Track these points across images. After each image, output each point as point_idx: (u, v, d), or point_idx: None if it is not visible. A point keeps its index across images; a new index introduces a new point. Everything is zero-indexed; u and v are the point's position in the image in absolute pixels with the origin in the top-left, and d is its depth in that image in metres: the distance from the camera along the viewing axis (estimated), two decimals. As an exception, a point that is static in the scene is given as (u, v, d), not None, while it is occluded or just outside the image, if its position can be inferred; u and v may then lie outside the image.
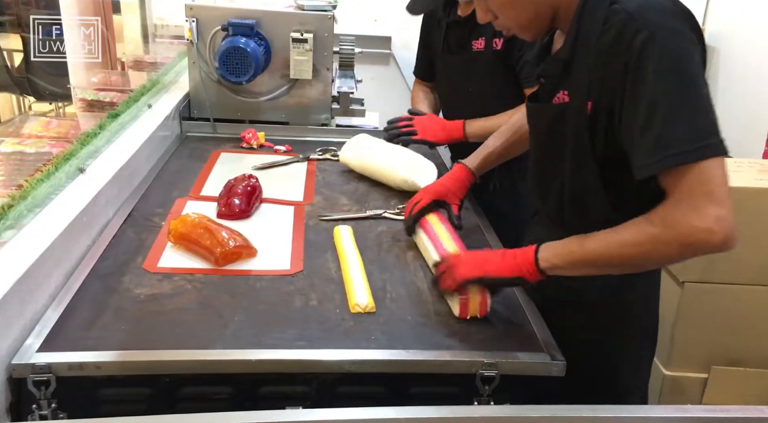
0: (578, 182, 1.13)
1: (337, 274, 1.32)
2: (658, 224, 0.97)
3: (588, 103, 1.06)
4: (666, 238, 0.96)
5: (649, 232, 0.98)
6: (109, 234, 1.41)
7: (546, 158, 1.22)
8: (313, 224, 1.55)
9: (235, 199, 1.54)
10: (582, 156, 1.10)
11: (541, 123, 1.21)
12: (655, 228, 0.97)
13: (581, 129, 1.08)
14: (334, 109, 2.24)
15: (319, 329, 1.14)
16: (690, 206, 0.94)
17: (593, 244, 1.04)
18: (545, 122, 1.18)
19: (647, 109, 0.96)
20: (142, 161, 1.74)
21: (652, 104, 0.96)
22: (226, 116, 2.18)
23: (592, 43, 1.04)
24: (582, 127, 1.08)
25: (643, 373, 1.32)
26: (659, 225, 0.97)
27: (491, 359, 1.08)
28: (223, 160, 1.93)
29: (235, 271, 1.31)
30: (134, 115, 1.88)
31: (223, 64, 1.96)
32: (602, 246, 1.03)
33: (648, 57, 0.96)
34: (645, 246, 0.99)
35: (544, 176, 1.24)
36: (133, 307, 1.17)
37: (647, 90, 0.96)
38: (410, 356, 1.08)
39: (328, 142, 2.09)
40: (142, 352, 1.05)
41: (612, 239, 1.02)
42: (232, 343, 1.08)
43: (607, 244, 1.03)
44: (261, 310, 1.18)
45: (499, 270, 1.13)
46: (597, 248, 1.04)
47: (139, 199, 1.60)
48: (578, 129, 1.09)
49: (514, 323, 1.21)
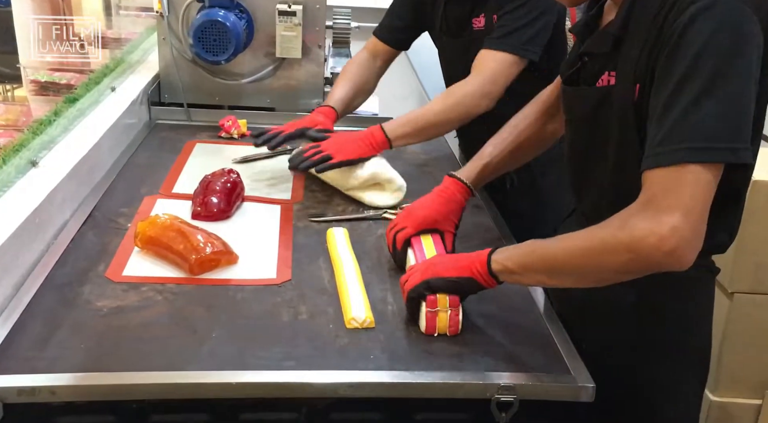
0: (621, 180, 1.12)
1: (331, 284, 1.31)
2: (612, 227, 0.98)
3: (636, 87, 1.05)
4: (614, 244, 0.97)
5: (600, 236, 0.99)
6: (66, 237, 1.40)
7: (585, 151, 1.21)
8: (302, 226, 1.54)
9: (213, 197, 1.54)
10: (627, 149, 1.09)
11: (580, 110, 1.20)
12: (607, 231, 0.99)
13: (627, 117, 1.07)
14: (326, 93, 2.23)
15: (310, 347, 1.13)
16: (652, 211, 0.94)
17: (549, 248, 1.06)
18: (586, 109, 1.17)
19: (673, 91, 0.96)
20: (104, 153, 1.74)
21: (680, 87, 0.95)
22: (202, 101, 2.18)
23: (650, 13, 1.03)
24: (628, 115, 1.07)
25: (690, 406, 1.29)
26: (613, 228, 0.98)
27: (509, 382, 1.08)
28: (199, 152, 1.92)
29: (213, 280, 1.30)
30: (95, 99, 1.88)
31: (199, 41, 1.96)
32: (555, 251, 1.05)
33: (695, 30, 0.95)
34: (593, 252, 1.00)
35: (582, 171, 1.24)
36: (94, 321, 1.16)
37: (680, 70, 0.96)
38: (415, 378, 1.08)
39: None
40: (105, 375, 1.04)
41: (566, 244, 1.04)
42: (208, 364, 1.08)
43: (561, 249, 1.05)
44: (242, 326, 1.18)
45: (447, 270, 1.16)
46: (551, 253, 1.06)
47: (101, 197, 1.60)
48: (623, 117, 1.08)
49: (534, 339, 1.20)
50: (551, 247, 1.07)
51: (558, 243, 1.07)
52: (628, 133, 1.08)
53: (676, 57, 0.97)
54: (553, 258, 1.06)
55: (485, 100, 1.68)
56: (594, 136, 1.15)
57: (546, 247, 1.08)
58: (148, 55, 2.34)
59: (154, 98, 2.16)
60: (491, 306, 1.26)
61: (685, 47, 0.96)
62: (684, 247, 0.94)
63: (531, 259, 1.08)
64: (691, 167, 0.94)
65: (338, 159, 1.65)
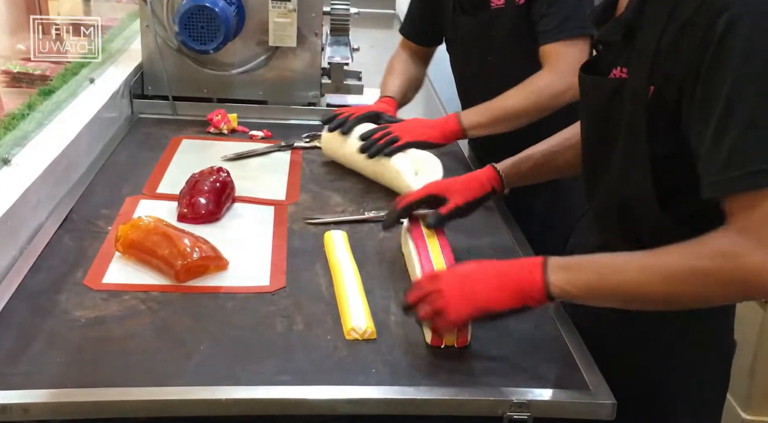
0: (626, 183, 1.14)
1: (329, 292, 1.32)
2: (713, 258, 0.98)
3: (650, 88, 1.06)
4: (723, 277, 0.97)
5: (701, 268, 0.98)
6: (41, 241, 1.41)
7: (597, 146, 1.23)
8: (298, 229, 1.55)
9: (201, 198, 1.55)
10: (634, 151, 1.10)
11: (594, 100, 1.21)
12: (709, 262, 0.98)
13: (638, 116, 1.08)
14: (323, 85, 2.25)
15: (306, 361, 1.14)
16: (758, 241, 0.94)
17: (623, 272, 1.04)
18: (599, 100, 1.18)
19: (724, 109, 0.96)
20: (82, 150, 1.75)
21: (731, 104, 0.95)
22: (189, 94, 2.19)
23: (665, 8, 1.04)
24: (639, 114, 1.08)
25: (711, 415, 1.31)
26: (715, 259, 0.97)
27: (522, 398, 1.08)
28: (186, 149, 1.93)
29: (201, 288, 1.31)
30: (72, 91, 1.88)
31: (185, 28, 1.97)
32: (637, 278, 1.03)
33: (734, 42, 0.95)
34: (694, 284, 0.99)
35: (594, 168, 1.25)
36: (72, 333, 1.17)
37: (727, 84, 0.96)
38: (419, 394, 1.08)
39: (317, 126, 2.08)
40: (83, 391, 1.05)
41: (651, 270, 1.02)
42: (197, 379, 1.08)
43: (644, 277, 1.02)
44: (233, 337, 1.18)
45: (497, 301, 1.09)
46: (627, 280, 1.04)
47: (79, 198, 1.60)
48: (634, 116, 1.09)
49: (549, 351, 1.21)
50: (625, 270, 1.04)
51: (638, 269, 1.03)
52: (636, 133, 1.09)
53: (718, 74, 0.97)
54: (632, 285, 1.03)
55: (568, 92, 1.68)
56: (606, 129, 1.16)
57: (618, 270, 1.05)
58: (129, 44, 2.35)
59: (136, 90, 2.16)
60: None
61: (727, 62, 0.96)
62: None
63: (601, 285, 1.05)
64: None
65: (405, 140, 1.72)
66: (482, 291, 1.10)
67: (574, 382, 1.13)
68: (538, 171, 1.47)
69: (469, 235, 1.53)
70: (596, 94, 1.19)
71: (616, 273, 1.05)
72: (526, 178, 1.48)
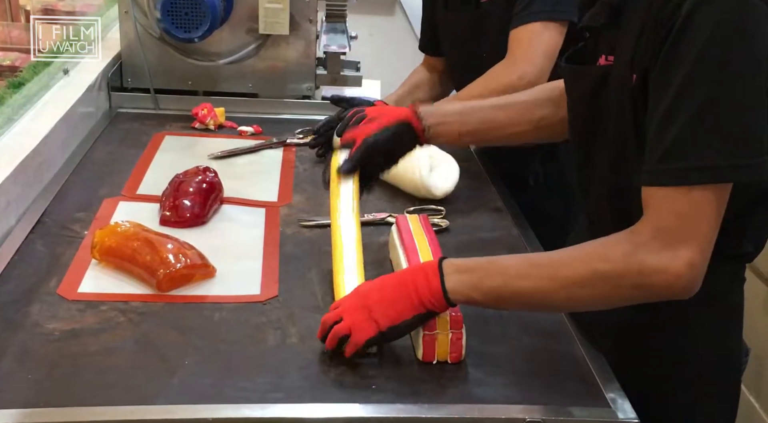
0: (618, 171, 1.16)
1: (325, 301, 1.32)
2: (615, 261, 1.04)
3: (633, 76, 1.08)
4: (620, 279, 1.04)
5: (602, 271, 1.05)
6: (11, 248, 1.41)
7: (585, 140, 1.25)
8: (291, 233, 1.55)
9: (186, 200, 1.55)
10: (623, 141, 1.12)
11: (579, 91, 1.24)
12: (611, 265, 1.04)
13: (624, 105, 1.11)
14: (318, 76, 2.25)
15: (300, 376, 1.14)
16: (666, 242, 1.01)
17: (528, 276, 1.09)
18: (585, 90, 1.21)
19: (674, 99, 1.00)
20: (56, 148, 1.75)
21: (681, 95, 0.99)
22: (172, 86, 2.20)
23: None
24: (625, 102, 1.10)
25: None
26: (617, 262, 1.04)
27: (537, 415, 1.08)
28: (169, 146, 1.93)
29: (186, 297, 1.31)
30: (44, 84, 1.88)
31: (167, 15, 1.97)
32: (538, 283, 1.09)
33: (695, 26, 0.98)
34: (595, 287, 1.06)
35: (584, 163, 1.27)
36: (45, 348, 1.16)
37: (680, 74, 0.99)
38: (424, 413, 1.08)
39: (311, 120, 2.09)
40: (57, 411, 1.04)
41: (554, 274, 1.08)
42: (180, 397, 1.08)
43: (547, 281, 1.08)
44: (221, 351, 1.18)
45: (398, 314, 1.13)
46: (532, 286, 1.09)
47: (53, 200, 1.60)
48: (621, 105, 1.12)
49: (565, 364, 1.21)
50: (530, 274, 1.10)
51: (539, 270, 1.10)
52: (624, 123, 1.11)
53: (674, 60, 1.00)
54: (537, 290, 1.09)
55: (522, 81, 1.69)
56: (595, 122, 1.19)
57: (521, 273, 1.10)
58: (107, 32, 2.34)
59: (114, 83, 2.16)
60: (511, 326, 1.27)
61: (684, 48, 0.99)
62: (697, 280, 1.03)
63: (504, 291, 1.10)
64: (699, 190, 0.99)
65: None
66: (380, 307, 1.14)
67: (591, 398, 1.13)
68: (467, 119, 1.45)
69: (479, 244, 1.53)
70: (581, 84, 1.22)
71: (519, 274, 1.10)
72: (449, 124, 1.44)
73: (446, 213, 1.64)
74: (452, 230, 1.58)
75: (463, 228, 1.60)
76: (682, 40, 0.99)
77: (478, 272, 1.12)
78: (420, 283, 1.13)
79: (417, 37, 3.02)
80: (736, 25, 0.98)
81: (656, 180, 1.02)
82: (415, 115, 1.42)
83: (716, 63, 0.98)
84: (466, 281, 1.12)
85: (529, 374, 1.17)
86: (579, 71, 1.23)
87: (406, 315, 1.13)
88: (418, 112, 1.42)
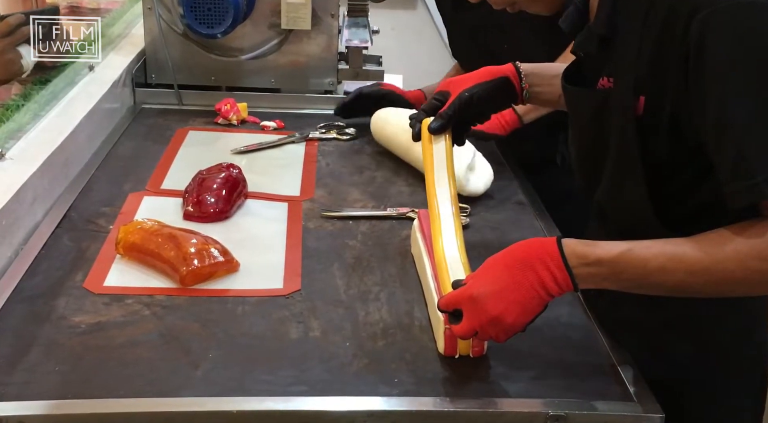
0: (620, 193, 1.16)
1: (347, 295, 1.32)
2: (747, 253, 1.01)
3: (640, 99, 1.07)
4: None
5: (762, 270, 1.01)
6: (38, 242, 1.42)
7: (589, 156, 1.24)
8: (313, 227, 1.55)
9: (209, 195, 1.55)
10: (626, 161, 1.12)
11: (581, 112, 1.23)
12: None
13: (627, 130, 1.10)
14: (340, 71, 2.25)
15: (323, 369, 1.14)
16: None
17: (674, 275, 1.05)
18: (587, 113, 1.20)
19: (717, 116, 0.98)
20: (81, 143, 1.76)
21: (723, 108, 0.98)
22: (195, 82, 2.20)
23: (638, 15, 1.06)
24: (628, 127, 1.10)
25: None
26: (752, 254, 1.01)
27: (559, 410, 1.07)
28: (192, 141, 1.94)
29: (209, 291, 1.32)
30: (70, 80, 1.89)
31: (191, 11, 1.97)
32: (689, 278, 1.04)
33: (711, 44, 0.97)
34: (749, 284, 1.03)
35: (588, 179, 1.26)
36: (71, 340, 1.17)
37: (715, 89, 0.98)
38: (446, 406, 1.08)
39: (333, 116, 2.09)
40: (83, 403, 1.05)
41: (705, 271, 1.03)
42: (204, 389, 1.08)
43: (699, 277, 1.04)
44: (243, 345, 1.19)
45: (517, 311, 1.08)
46: (682, 280, 1.05)
47: (79, 195, 1.61)
48: (623, 129, 1.11)
49: (588, 358, 1.20)
50: (677, 270, 1.04)
51: (687, 266, 1.04)
52: (626, 143, 1.10)
53: (704, 82, 0.99)
54: (684, 284, 1.05)
55: None
56: (597, 140, 1.18)
57: (666, 268, 1.05)
58: (131, 29, 2.36)
59: (139, 79, 2.17)
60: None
61: (709, 62, 0.97)
62: None
63: (644, 283, 1.07)
64: None
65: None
66: (510, 316, 1.08)
67: (616, 394, 1.12)
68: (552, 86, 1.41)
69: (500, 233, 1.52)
70: (584, 106, 1.21)
71: (664, 273, 1.05)
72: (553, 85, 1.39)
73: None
74: (473, 226, 1.58)
75: (486, 222, 1.59)
76: (702, 63, 0.98)
77: (607, 264, 1.07)
78: (548, 284, 1.07)
79: (439, 30, 3.03)
80: (751, 29, 0.97)
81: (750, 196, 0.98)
82: (516, 72, 1.39)
83: (746, 69, 0.97)
84: (596, 273, 1.07)
85: (551, 368, 1.17)
86: (580, 93, 1.22)
87: (535, 311, 1.09)
88: (519, 69, 1.40)
